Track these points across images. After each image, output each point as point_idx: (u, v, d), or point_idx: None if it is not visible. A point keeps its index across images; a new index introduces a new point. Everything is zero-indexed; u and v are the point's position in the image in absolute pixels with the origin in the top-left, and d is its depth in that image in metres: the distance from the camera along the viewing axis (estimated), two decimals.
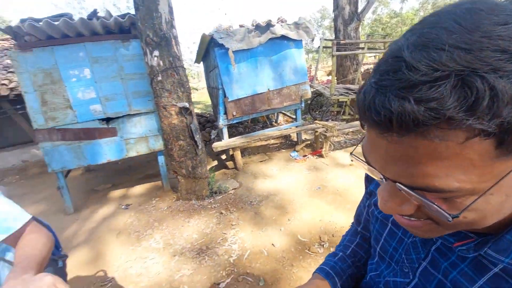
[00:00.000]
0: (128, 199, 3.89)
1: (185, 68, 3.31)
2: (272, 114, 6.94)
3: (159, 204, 3.63)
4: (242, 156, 4.64)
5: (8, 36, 8.89)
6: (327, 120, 5.89)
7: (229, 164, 4.64)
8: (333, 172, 3.97)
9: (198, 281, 2.16)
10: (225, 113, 4.35)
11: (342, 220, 2.76)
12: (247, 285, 2.06)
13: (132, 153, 3.69)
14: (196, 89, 17.14)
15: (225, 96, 4.24)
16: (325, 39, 8.09)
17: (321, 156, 4.61)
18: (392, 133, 0.27)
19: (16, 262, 0.63)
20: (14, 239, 0.72)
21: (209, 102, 11.69)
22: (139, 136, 3.68)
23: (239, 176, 4.20)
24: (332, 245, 2.40)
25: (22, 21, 2.98)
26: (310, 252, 2.34)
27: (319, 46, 7.10)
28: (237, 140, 4.42)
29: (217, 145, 4.26)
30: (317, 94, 7.24)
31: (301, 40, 4.54)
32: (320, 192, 3.44)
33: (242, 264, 2.29)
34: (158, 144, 3.77)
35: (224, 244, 2.59)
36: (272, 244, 2.50)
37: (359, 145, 0.40)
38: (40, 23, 2.90)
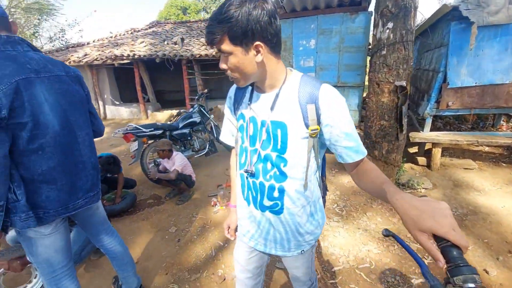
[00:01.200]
0: None
1: (413, 43, 2.99)
2: (489, 115, 5.30)
3: (338, 175, 3.79)
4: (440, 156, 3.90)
5: None
6: None
7: (420, 160, 4.05)
8: None
9: (386, 263, 2.13)
10: (437, 101, 3.70)
11: None
12: None
13: None
14: None
15: (444, 81, 3.57)
16: None
17: None
18: None
19: (382, 183, 0.78)
20: (354, 164, 0.90)
21: None
22: None
23: (432, 177, 3.60)
24: None
25: None
26: None
27: None
28: (444, 136, 3.72)
29: (416, 136, 3.77)
30: None
31: None
32: None
33: (440, 271, 2.02)
34: (353, 119, 3.81)
35: (415, 242, 2.37)
36: (485, 270, 2.03)
37: None
38: None
